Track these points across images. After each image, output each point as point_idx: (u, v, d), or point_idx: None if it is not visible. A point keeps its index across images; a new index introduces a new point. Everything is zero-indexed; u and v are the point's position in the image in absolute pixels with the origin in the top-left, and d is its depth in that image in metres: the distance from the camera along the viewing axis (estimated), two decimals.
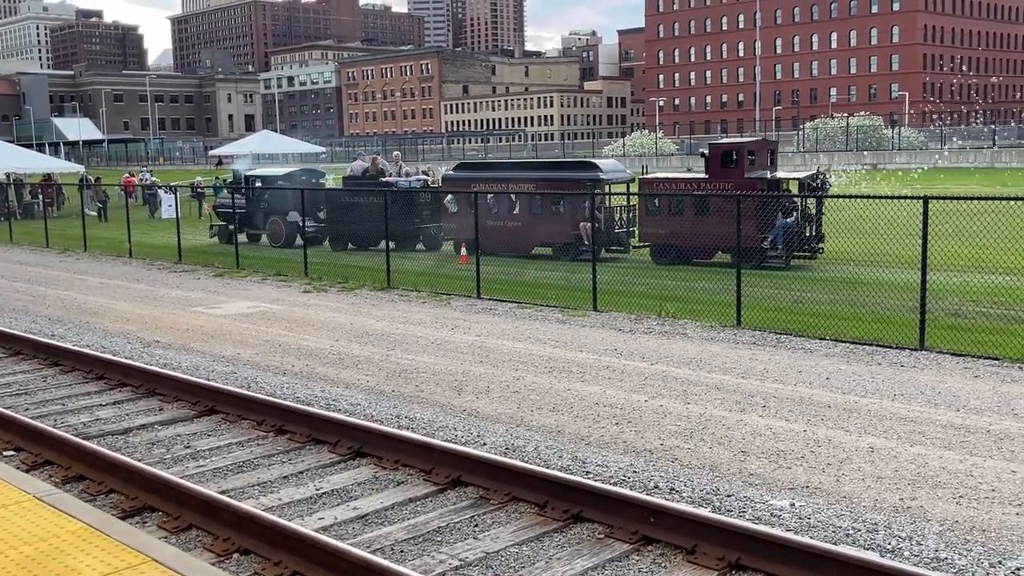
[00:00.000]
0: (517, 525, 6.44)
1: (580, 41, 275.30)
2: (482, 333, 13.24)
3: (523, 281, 17.35)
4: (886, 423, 8.60)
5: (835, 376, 10.33)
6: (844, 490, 7.03)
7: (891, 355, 11.24)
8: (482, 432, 8.58)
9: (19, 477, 6.13)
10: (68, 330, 14.09)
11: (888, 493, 6.95)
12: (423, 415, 9.18)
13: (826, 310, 13.58)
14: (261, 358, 12.00)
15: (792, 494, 6.97)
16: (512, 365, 11.23)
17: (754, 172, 19.67)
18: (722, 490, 7.03)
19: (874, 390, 9.73)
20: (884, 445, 8.00)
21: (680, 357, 11.42)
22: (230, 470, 7.72)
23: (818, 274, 17.68)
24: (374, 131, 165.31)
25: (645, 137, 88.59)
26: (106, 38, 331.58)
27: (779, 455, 7.82)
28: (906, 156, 67.34)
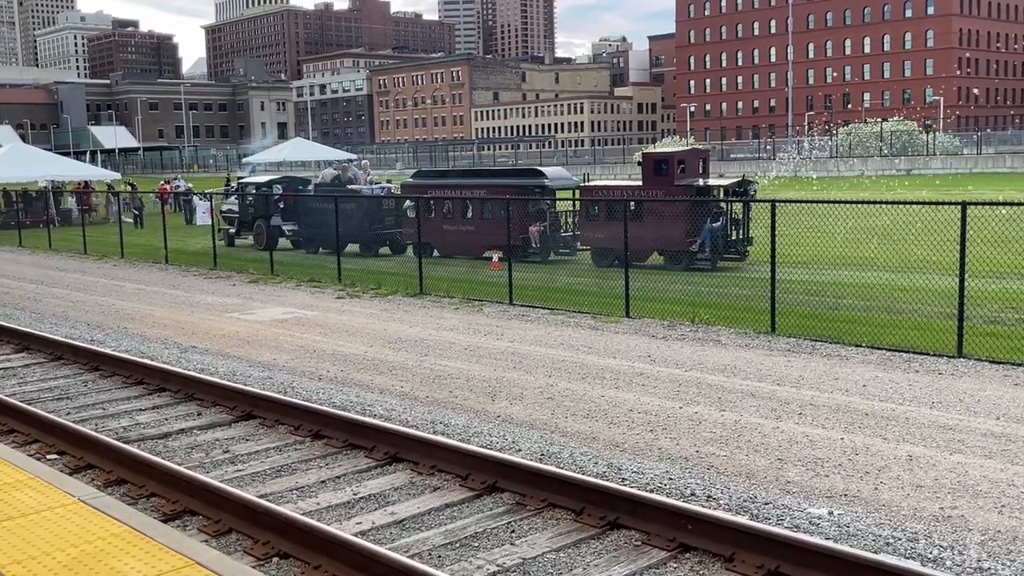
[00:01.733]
0: (554, 531, 6.45)
1: (610, 47, 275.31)
2: (515, 339, 13.27)
3: (555, 287, 17.36)
4: (924, 431, 8.53)
5: (872, 383, 10.24)
6: (883, 498, 6.98)
7: (928, 362, 11.13)
8: (517, 438, 8.60)
9: (64, 480, 6.23)
10: (107, 335, 14.29)
11: (928, 502, 6.89)
12: (458, 421, 9.22)
13: (862, 317, 13.48)
14: (296, 363, 12.10)
15: (830, 502, 6.92)
16: (545, 371, 11.24)
17: (685, 180, 20.57)
18: (759, 498, 7.00)
19: (912, 398, 9.65)
20: (923, 453, 7.93)
21: (714, 364, 11.37)
22: (268, 474, 7.79)
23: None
24: (405, 138, 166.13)
25: (676, 143, 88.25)
26: (142, 47, 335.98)
27: (816, 463, 7.77)
28: (941, 162, 66.63)
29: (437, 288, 17.85)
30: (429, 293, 17.61)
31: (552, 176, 22.82)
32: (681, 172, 20.74)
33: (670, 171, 20.67)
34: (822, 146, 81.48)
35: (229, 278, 21.16)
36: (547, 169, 24.40)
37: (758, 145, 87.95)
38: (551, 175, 22.92)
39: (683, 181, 20.53)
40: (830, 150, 77.46)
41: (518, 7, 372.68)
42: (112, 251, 26.71)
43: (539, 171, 23.87)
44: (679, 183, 20.39)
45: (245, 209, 28.65)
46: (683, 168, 20.87)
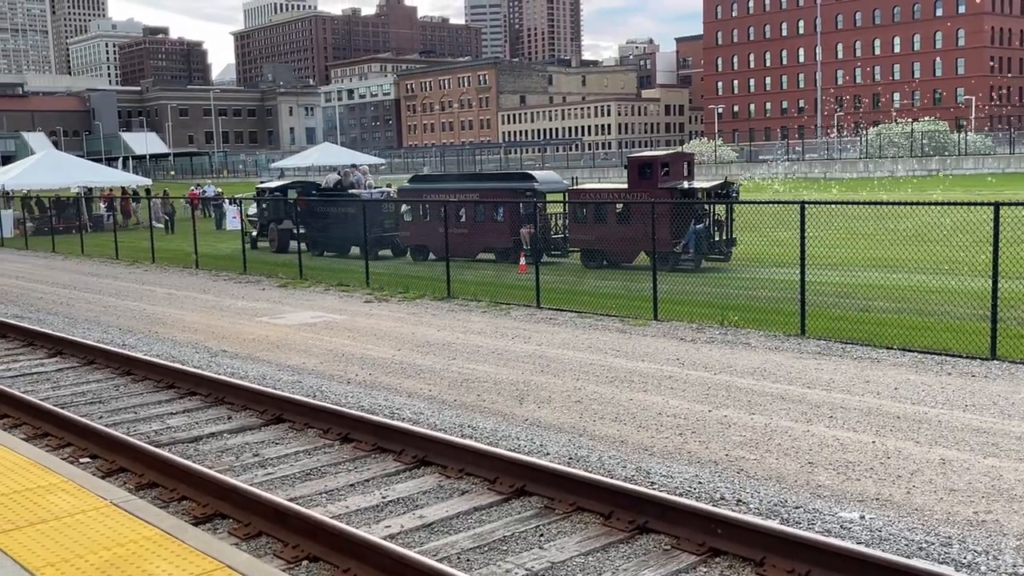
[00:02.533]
0: (582, 535, 6.43)
1: (637, 49, 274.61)
2: (542, 343, 13.26)
3: (583, 291, 17.33)
4: (957, 434, 8.43)
5: (903, 386, 10.14)
6: (915, 503, 6.90)
7: (961, 365, 11.01)
8: (545, 442, 8.59)
9: (96, 484, 6.30)
10: (139, 340, 14.43)
11: (961, 506, 6.80)
12: (485, 424, 9.22)
13: (893, 319, 13.35)
14: (325, 367, 12.16)
15: (862, 506, 6.86)
16: (573, 375, 11.23)
17: (669, 183, 21.05)
18: (790, 502, 6.94)
19: (944, 400, 9.54)
20: (956, 457, 7.83)
21: (744, 367, 11.30)
22: (298, 478, 7.83)
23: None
24: (432, 142, 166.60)
25: (704, 145, 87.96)
26: (171, 54, 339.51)
27: (847, 467, 7.70)
28: (973, 162, 65.88)
29: (464, 292, 17.87)
30: (456, 297, 17.64)
31: (542, 180, 23.49)
32: (665, 175, 21.29)
33: (654, 174, 21.25)
34: (851, 147, 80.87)
35: (258, 282, 21.31)
36: (537, 173, 25.10)
37: (786, 146, 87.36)
38: (540, 179, 23.60)
39: (667, 184, 21.02)
40: (859, 151, 76.81)
41: (544, 10, 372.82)
42: (143, 256, 26.98)
43: (529, 175, 24.52)
44: (663, 186, 20.89)
45: (262, 213, 29.83)
46: (667, 171, 21.42)
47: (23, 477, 6.28)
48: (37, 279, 23.68)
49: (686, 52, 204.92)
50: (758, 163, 79.58)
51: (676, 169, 21.77)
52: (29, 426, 9.55)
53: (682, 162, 22.39)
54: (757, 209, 19.18)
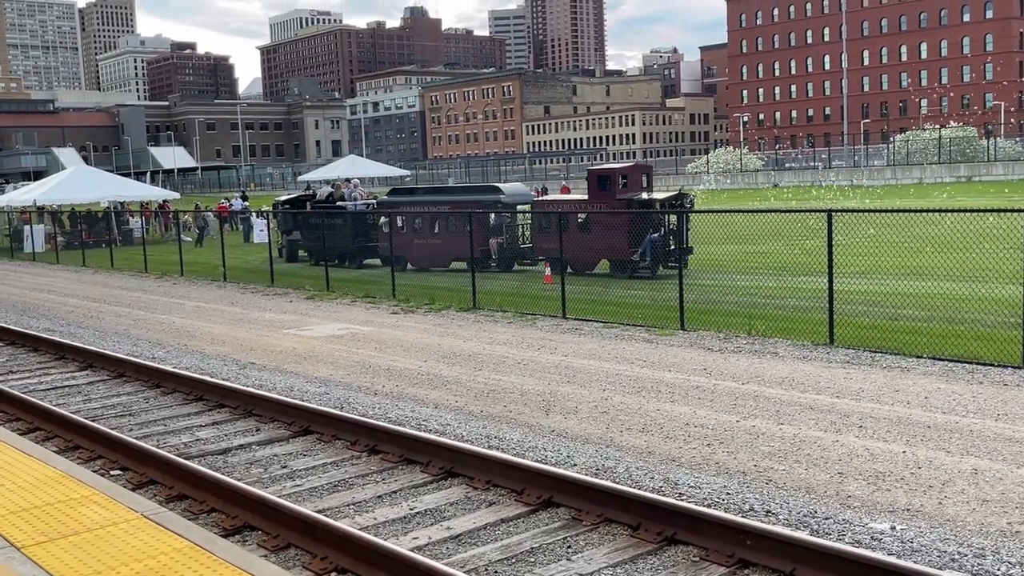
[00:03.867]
0: (610, 547, 6.41)
1: (661, 59, 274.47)
2: (568, 353, 13.24)
3: (609, 300, 17.29)
4: (989, 444, 8.33)
5: (934, 395, 10.04)
6: (947, 513, 6.83)
7: (993, 373, 10.88)
8: (572, 453, 8.57)
9: (127, 496, 6.35)
10: (168, 353, 14.56)
11: (995, 517, 6.72)
12: (512, 435, 9.22)
13: (922, 327, 13.22)
14: (352, 379, 12.21)
15: (893, 517, 6.79)
16: (600, 385, 11.20)
17: (627, 194, 21.84)
18: (819, 512, 6.89)
19: (975, 409, 9.43)
20: (988, 467, 7.74)
21: (772, 376, 11.24)
22: (326, 489, 7.86)
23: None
24: (457, 154, 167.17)
25: (729, 153, 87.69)
26: (199, 69, 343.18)
27: (878, 477, 7.63)
28: (1003, 168, 65.18)
29: (490, 303, 17.89)
30: (482, 308, 17.66)
31: (508, 192, 24.43)
32: (623, 187, 22.11)
33: (612, 186, 22.09)
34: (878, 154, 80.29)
35: (286, 295, 21.44)
36: (504, 185, 26.33)
37: (813, 154, 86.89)
38: (507, 191, 24.59)
39: (625, 195, 21.79)
40: (886, 158, 76.25)
41: (568, 21, 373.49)
42: (172, 269, 27.23)
43: (496, 188, 25.63)
44: (621, 197, 21.67)
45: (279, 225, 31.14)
46: (625, 183, 22.25)
47: (55, 490, 6.35)
48: (68, 293, 23.95)
49: (710, 61, 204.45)
50: (784, 171, 79.17)
51: (634, 180, 22.61)
52: (61, 439, 9.65)
53: (640, 174, 23.23)
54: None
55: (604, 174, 22.83)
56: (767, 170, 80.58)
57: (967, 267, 14.22)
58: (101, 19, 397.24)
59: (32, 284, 26.65)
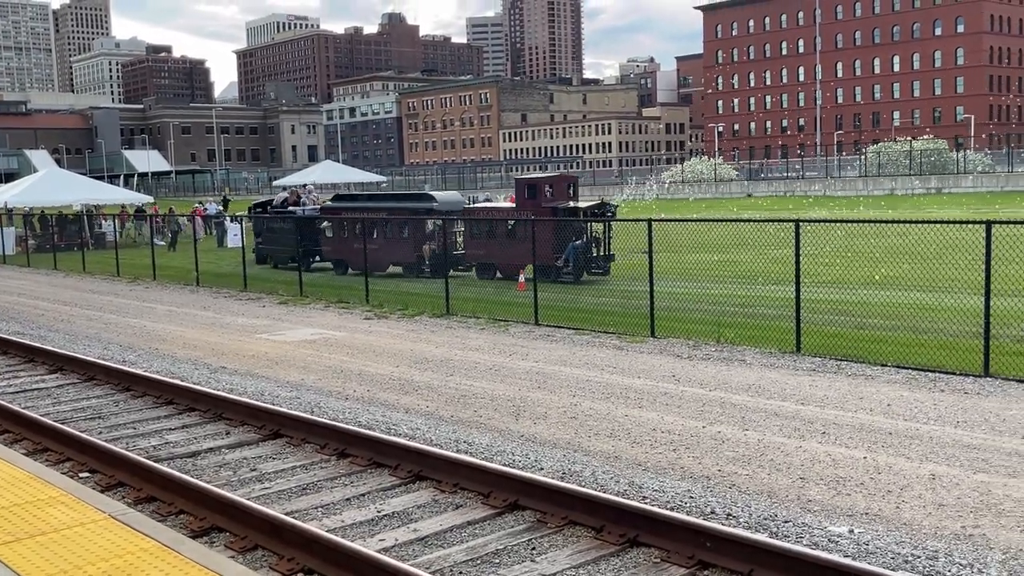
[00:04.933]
0: (574, 549, 6.52)
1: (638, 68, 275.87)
2: (540, 359, 13.35)
3: (581, 308, 17.43)
4: (948, 450, 8.51)
5: (896, 403, 10.23)
6: (904, 517, 6.98)
7: (955, 382, 11.09)
8: (540, 457, 8.67)
9: (95, 497, 6.39)
10: (139, 356, 14.53)
11: (949, 520, 6.89)
12: (481, 440, 9.31)
13: (887, 336, 13.44)
14: (324, 383, 12.26)
15: (851, 521, 6.94)
16: (570, 391, 11.32)
17: (552, 203, 22.72)
18: (780, 516, 7.03)
19: (936, 417, 9.62)
20: (946, 472, 7.92)
21: (739, 383, 11.40)
22: (294, 492, 7.92)
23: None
24: (434, 160, 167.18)
25: (704, 163, 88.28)
26: (174, 72, 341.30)
27: (838, 482, 7.79)
28: (972, 180, 66.09)
29: (463, 309, 17.98)
30: (455, 314, 17.75)
31: (441, 200, 25.38)
32: (549, 196, 22.98)
33: (538, 194, 22.99)
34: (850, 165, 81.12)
35: (259, 299, 21.42)
36: (438, 193, 27.15)
37: (787, 165, 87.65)
38: (440, 199, 25.55)
39: (550, 204, 22.70)
40: (859, 169, 77.06)
41: (546, 29, 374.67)
42: (144, 273, 27.12)
43: (430, 195, 26.65)
44: (546, 205, 22.60)
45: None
46: (551, 192, 23.11)
47: (23, 490, 6.38)
48: (39, 296, 23.81)
49: (687, 71, 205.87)
50: (758, 181, 79.83)
51: (559, 190, 23.41)
52: (29, 441, 9.64)
53: (565, 183, 24.12)
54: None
55: (531, 183, 23.87)
56: (741, 180, 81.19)
57: (932, 278, 14.48)
58: (76, 21, 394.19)
59: (2, 287, 26.45)
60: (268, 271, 27.39)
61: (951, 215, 36.79)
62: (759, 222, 18.23)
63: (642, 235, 15.57)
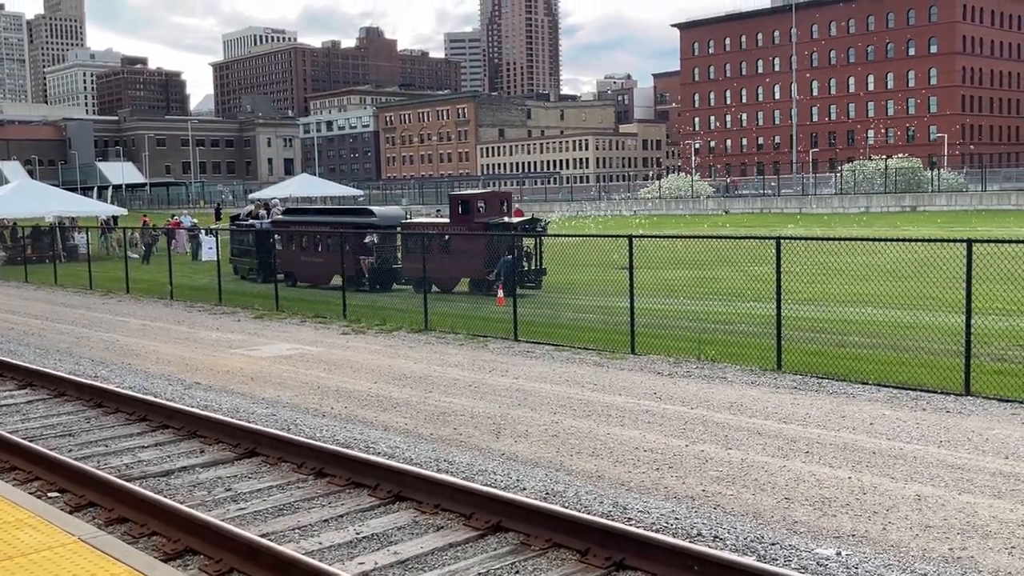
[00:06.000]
0: (559, 572, 6.38)
1: (615, 85, 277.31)
2: (520, 376, 13.22)
3: (560, 324, 17.32)
4: (932, 470, 8.45)
5: (879, 421, 10.17)
6: (891, 539, 6.90)
7: (936, 400, 11.06)
8: (521, 476, 8.53)
9: (64, 519, 6.18)
10: (111, 372, 14.27)
11: (937, 542, 6.80)
12: (462, 458, 9.15)
13: (868, 354, 13.42)
14: (300, 400, 12.06)
15: (838, 542, 6.84)
16: (550, 408, 11.19)
17: (484, 218, 23.30)
18: (766, 538, 6.92)
19: (919, 436, 9.57)
20: (931, 493, 7.85)
21: (720, 401, 11.31)
22: (270, 513, 7.73)
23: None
24: (411, 174, 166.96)
25: (681, 179, 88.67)
26: (150, 84, 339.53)
27: (824, 502, 7.70)
28: (946, 198, 66.73)
29: (442, 324, 17.82)
30: (434, 329, 17.59)
31: (380, 215, 26.20)
32: (482, 211, 23.59)
33: (471, 210, 23.60)
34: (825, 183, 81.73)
35: (234, 314, 21.16)
36: (377, 209, 28.21)
37: (763, 182, 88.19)
38: (379, 213, 26.41)
39: (482, 219, 23.23)
40: (834, 187, 77.64)
41: (524, 45, 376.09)
42: (117, 287, 26.76)
43: (370, 210, 27.55)
44: (478, 220, 23.16)
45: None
46: (483, 208, 23.73)
47: None
48: (9, 309, 23.41)
49: (663, 88, 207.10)
50: (735, 198, 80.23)
51: (492, 206, 24.02)
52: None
53: (498, 199, 24.79)
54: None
55: (464, 199, 24.46)
56: (718, 196, 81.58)
57: (912, 295, 14.49)
58: (50, 31, 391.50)
59: None
60: (243, 284, 27.11)
61: (927, 233, 37.06)
62: (738, 239, 18.22)
63: (621, 251, 15.50)
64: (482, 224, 23.07)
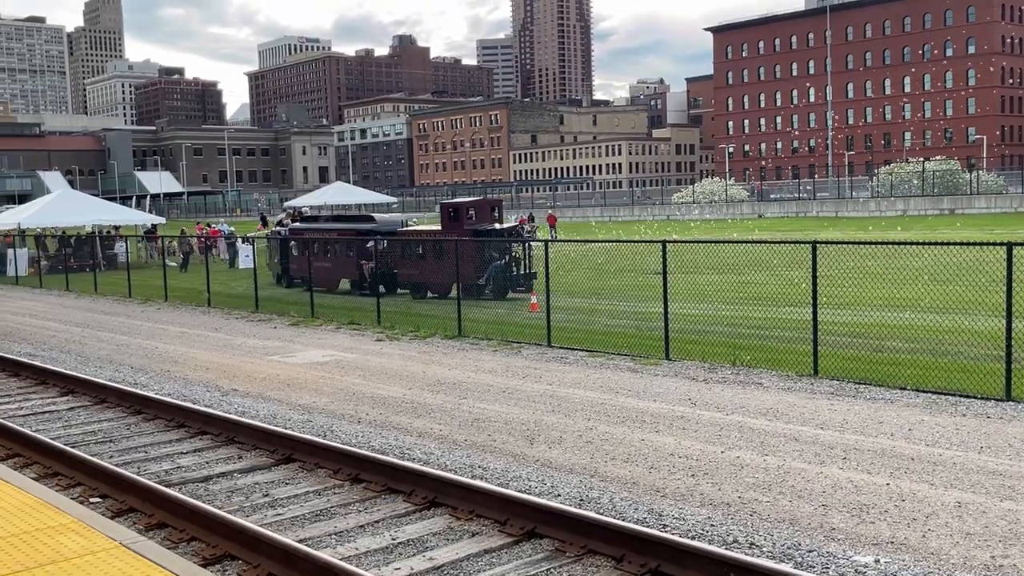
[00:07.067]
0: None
1: (648, 89, 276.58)
2: (553, 382, 13.22)
3: (594, 330, 17.29)
4: (973, 477, 8.34)
5: (918, 427, 10.06)
6: (931, 546, 6.82)
7: (976, 406, 10.91)
8: (556, 483, 8.53)
9: (105, 524, 6.28)
10: (150, 379, 14.45)
11: (978, 550, 6.72)
12: (496, 465, 9.17)
13: (906, 359, 13.27)
14: (336, 406, 12.14)
15: (876, 550, 6.78)
16: (584, 415, 11.18)
17: (474, 225, 23.95)
18: (803, 545, 6.87)
19: (959, 442, 9.45)
20: (972, 500, 7.74)
21: (756, 407, 11.24)
22: (307, 519, 7.79)
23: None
24: (444, 181, 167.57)
25: (715, 184, 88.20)
26: (187, 94, 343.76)
27: (862, 509, 7.62)
28: (985, 201, 65.81)
29: (475, 330, 17.86)
30: (467, 335, 17.63)
31: (380, 221, 27.24)
32: (472, 219, 24.24)
33: (461, 218, 24.28)
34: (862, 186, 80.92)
35: (270, 321, 21.36)
36: (378, 216, 29.08)
37: (798, 186, 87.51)
38: (380, 220, 27.46)
39: (472, 226, 23.82)
40: (870, 190, 76.85)
41: (556, 51, 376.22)
42: (156, 295, 27.10)
43: (371, 217, 28.73)
44: (468, 227, 23.70)
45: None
46: (473, 215, 24.40)
47: (33, 518, 6.27)
48: (50, 317, 23.79)
49: (697, 92, 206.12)
50: (769, 202, 79.68)
51: (482, 213, 24.69)
52: (40, 465, 9.55)
53: (488, 207, 25.40)
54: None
55: (454, 207, 25.08)
56: (752, 201, 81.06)
57: (950, 299, 14.31)
58: (89, 43, 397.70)
59: (14, 308, 26.46)
60: (279, 291, 27.36)
61: (966, 236, 36.58)
62: (773, 243, 18.10)
63: (655, 257, 15.46)
64: (471, 231, 23.58)
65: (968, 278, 13.26)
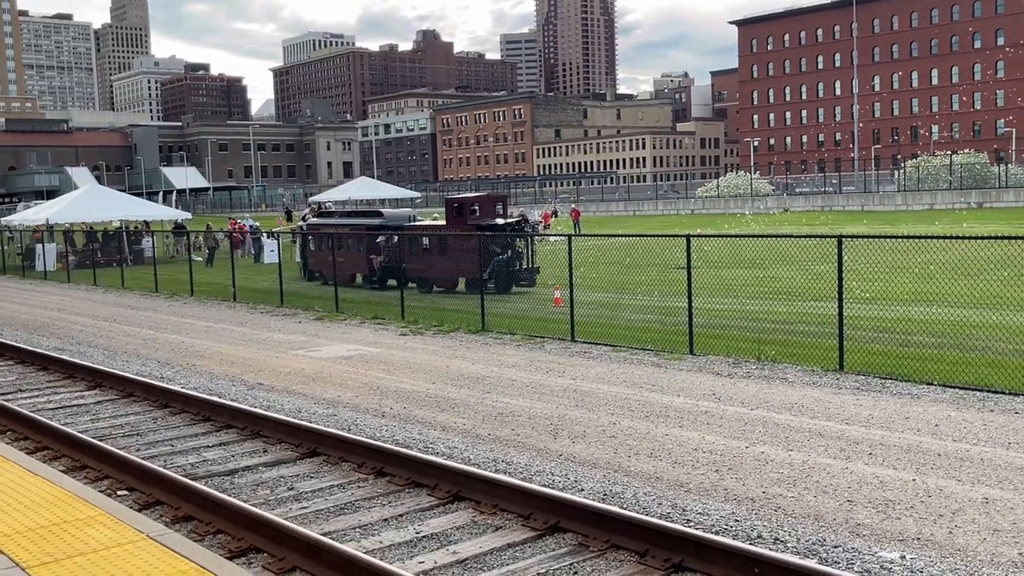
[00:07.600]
0: (617, 573, 6.37)
1: (672, 83, 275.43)
2: (577, 376, 13.21)
3: (618, 324, 17.26)
4: (1001, 473, 8.26)
5: (944, 423, 9.97)
6: (958, 543, 6.76)
7: (1004, 401, 10.80)
8: (579, 478, 8.53)
9: (133, 516, 6.34)
10: (176, 373, 14.58)
11: (1006, 547, 6.65)
12: (520, 459, 9.18)
13: (933, 354, 13.15)
14: (360, 400, 12.20)
15: (902, 546, 6.73)
16: (608, 409, 11.16)
17: (478, 220, 24.35)
18: (828, 541, 6.83)
19: (987, 438, 9.36)
20: (1000, 496, 7.67)
21: (781, 402, 11.18)
22: (332, 512, 7.84)
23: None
24: (467, 176, 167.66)
25: (740, 178, 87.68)
26: (212, 90, 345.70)
27: (887, 505, 7.57)
28: (1014, 194, 64.96)
29: (499, 325, 17.88)
30: (491, 330, 17.65)
31: (388, 216, 28.22)
32: (476, 214, 24.62)
33: (464, 213, 24.72)
34: (888, 180, 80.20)
35: (295, 315, 21.47)
36: (386, 211, 29.93)
37: (824, 179, 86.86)
38: (388, 215, 28.46)
39: (475, 221, 24.25)
40: (897, 184, 76.13)
41: (580, 45, 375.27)
42: (182, 289, 27.31)
43: (379, 212, 29.77)
44: (471, 222, 24.14)
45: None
46: (476, 211, 24.79)
47: (61, 509, 6.35)
48: (78, 312, 24.04)
49: (721, 86, 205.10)
50: (795, 196, 79.13)
51: (486, 209, 25.10)
52: (68, 458, 9.66)
53: (492, 203, 25.77)
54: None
55: (458, 203, 25.43)
56: (777, 195, 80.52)
57: (978, 294, 14.17)
58: (116, 40, 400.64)
59: (43, 303, 26.76)
60: (303, 286, 27.51)
61: (995, 230, 36.19)
62: (799, 237, 17.98)
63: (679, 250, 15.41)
64: (475, 226, 23.79)
65: (997, 272, 13.12)
